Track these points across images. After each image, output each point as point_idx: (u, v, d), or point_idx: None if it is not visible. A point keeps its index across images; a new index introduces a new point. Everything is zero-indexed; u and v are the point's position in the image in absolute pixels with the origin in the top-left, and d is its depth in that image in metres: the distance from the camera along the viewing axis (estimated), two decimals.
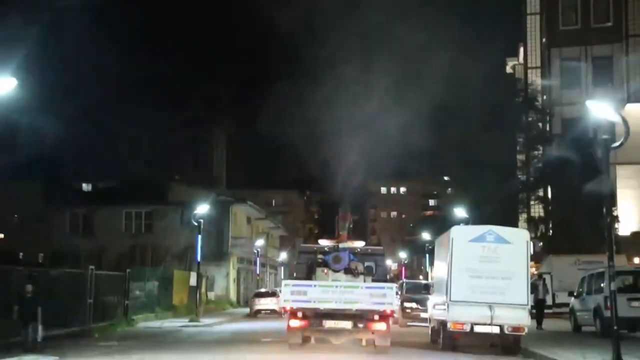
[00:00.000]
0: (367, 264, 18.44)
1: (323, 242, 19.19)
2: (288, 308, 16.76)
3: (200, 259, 32.14)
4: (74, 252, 42.04)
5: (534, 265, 31.72)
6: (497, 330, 16.18)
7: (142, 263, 41.13)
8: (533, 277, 22.73)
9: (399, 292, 26.92)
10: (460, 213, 36.15)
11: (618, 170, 36.56)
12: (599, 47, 41.75)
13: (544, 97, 43.31)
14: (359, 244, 19.14)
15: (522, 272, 16.34)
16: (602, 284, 20.40)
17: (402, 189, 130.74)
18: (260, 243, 52.39)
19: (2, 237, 48.66)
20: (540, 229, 39.31)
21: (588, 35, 41.76)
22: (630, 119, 13.74)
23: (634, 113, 31.34)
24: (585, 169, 33.21)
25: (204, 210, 32.58)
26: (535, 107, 41.91)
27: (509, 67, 53.89)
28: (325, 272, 17.56)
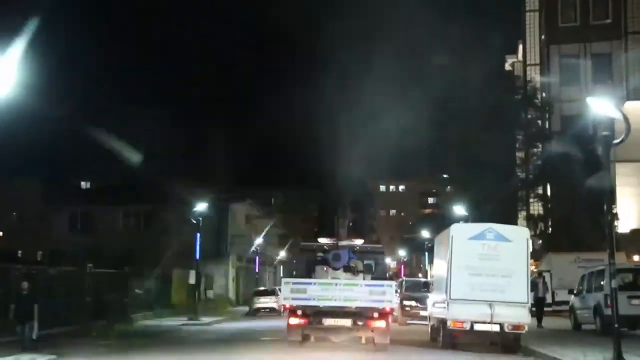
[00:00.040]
0: (366, 262, 18.47)
1: (322, 240, 19.17)
2: (288, 306, 16.74)
3: (200, 258, 32.08)
4: (73, 250, 41.92)
5: (534, 263, 31.65)
6: (497, 329, 16.12)
7: (141, 262, 41.01)
8: (533, 275, 22.63)
9: (398, 290, 26.86)
10: (460, 211, 36.08)
11: (617, 168, 36.47)
12: (598, 44, 41.67)
13: (543, 94, 43.21)
14: (358, 242, 19.15)
15: (522, 270, 16.28)
16: (602, 282, 20.34)
17: (401, 187, 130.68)
18: (260, 241, 52.30)
19: (1, 235, 48.61)
20: (540, 227, 39.21)
21: (587, 33, 41.66)
22: (630, 117, 13.65)
23: (633, 110, 31.31)
24: (585, 166, 33.18)
25: (203, 209, 32.50)
26: (535, 104, 41.80)
27: (508, 64, 53.76)
28: (325, 270, 17.55)
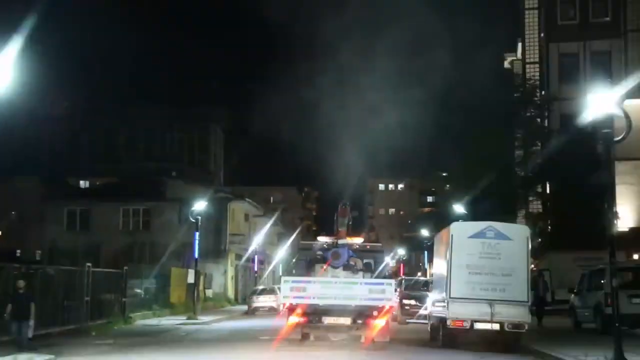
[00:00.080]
0: (365, 261, 18.47)
1: (322, 238, 19.16)
2: (287, 304, 16.69)
3: (198, 256, 32.00)
4: (71, 249, 41.84)
5: (533, 262, 31.60)
6: (497, 328, 16.07)
7: (139, 260, 40.99)
8: (533, 274, 22.57)
9: (398, 289, 26.80)
10: (459, 209, 36.01)
11: (616, 167, 36.38)
12: (598, 42, 41.61)
13: (542, 92, 43.15)
14: (358, 241, 19.10)
15: (522, 268, 16.22)
16: (602, 281, 20.29)
17: (400, 186, 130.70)
18: (259, 240, 52.25)
19: (0, 234, 48.51)
20: (539, 226, 39.14)
21: (586, 31, 41.60)
22: (629, 115, 13.59)
23: (633, 109, 31.20)
24: (585, 165, 33.11)
25: (202, 207, 32.43)
26: (534, 102, 41.71)
27: (507, 62, 53.68)
28: (324, 268, 17.53)
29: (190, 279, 32.96)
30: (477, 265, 16.11)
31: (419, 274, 60.21)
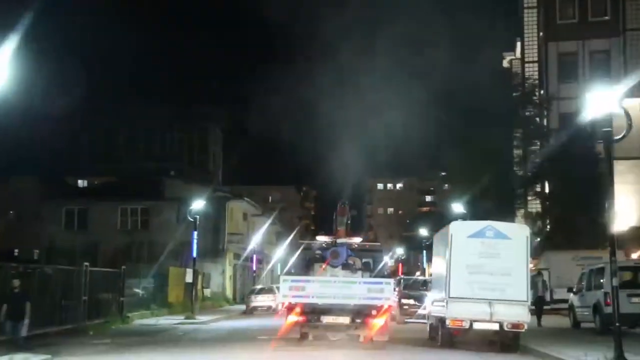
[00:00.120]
0: (364, 260, 18.49)
1: (321, 237, 19.16)
2: (286, 303, 16.67)
3: (196, 256, 31.92)
4: (69, 248, 41.74)
5: (532, 262, 31.52)
6: (496, 327, 15.99)
7: (137, 260, 40.91)
8: (532, 273, 22.50)
9: (396, 288, 26.75)
10: (458, 209, 35.96)
11: (615, 166, 36.37)
12: (597, 41, 41.60)
13: (541, 91, 43.12)
14: (357, 240, 19.09)
15: (521, 268, 16.15)
16: (601, 280, 20.24)
17: (398, 185, 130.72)
18: (257, 239, 52.18)
19: None
20: (538, 225, 39.08)
21: (585, 30, 41.58)
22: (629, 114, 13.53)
23: (631, 108, 31.13)
24: (583, 164, 33.09)
25: (200, 207, 32.36)
26: (533, 101, 41.70)
27: (506, 61, 53.62)
28: (323, 267, 17.53)
29: (189, 279, 32.89)
30: (476, 265, 16.04)
31: (418, 274, 60.16)
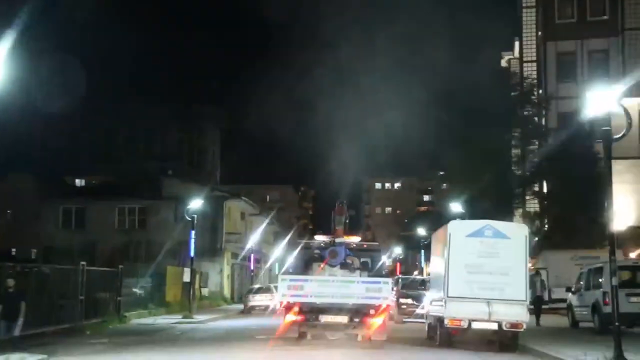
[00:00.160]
0: (362, 259, 18.48)
1: (319, 237, 19.16)
2: (284, 303, 16.65)
3: (194, 255, 31.84)
4: (67, 247, 41.68)
5: (530, 261, 31.47)
6: (495, 327, 15.95)
7: (135, 259, 40.87)
8: (530, 272, 22.47)
9: (395, 287, 26.71)
10: (456, 208, 35.91)
11: (613, 165, 36.32)
12: (595, 40, 41.58)
13: (540, 91, 43.10)
14: (355, 239, 19.08)
15: (520, 267, 16.10)
16: (600, 279, 20.22)
17: (396, 185, 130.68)
18: (255, 239, 52.11)
19: None
20: (536, 224, 39.06)
21: (584, 29, 41.56)
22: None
23: (630, 107, 31.10)
24: (582, 163, 33.05)
25: (198, 206, 32.28)
26: (531, 101, 41.67)
27: (504, 61, 53.61)
28: (322, 267, 17.53)
29: (186, 278, 32.82)
30: (475, 264, 15.99)
31: (416, 273, 60.13)
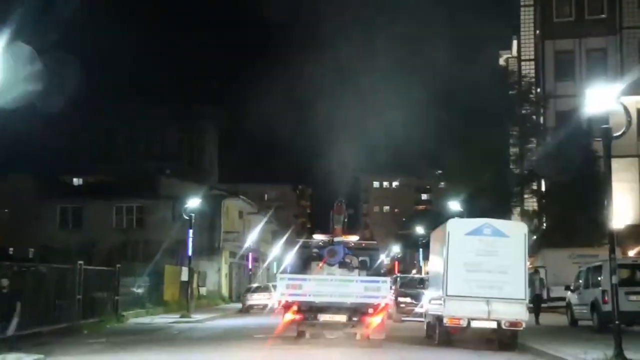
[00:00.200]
0: (361, 258, 18.47)
1: (318, 236, 19.16)
2: (283, 302, 16.63)
3: (192, 254, 31.77)
4: (64, 247, 41.53)
5: (528, 259, 31.43)
6: (494, 326, 15.90)
7: (133, 258, 40.72)
8: (529, 271, 22.42)
9: (393, 286, 26.67)
10: (454, 206, 35.86)
11: (611, 163, 36.33)
12: (593, 39, 41.58)
13: (538, 89, 43.07)
14: (353, 239, 19.08)
15: (519, 265, 16.07)
16: (599, 278, 20.19)
17: (394, 183, 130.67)
18: (253, 237, 52.05)
19: None
20: (535, 223, 39.04)
21: (582, 28, 41.56)
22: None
23: (628, 106, 31.06)
24: (580, 162, 33.00)
25: (196, 205, 32.20)
26: (529, 99, 41.65)
27: (502, 59, 53.56)
28: (320, 266, 17.52)
29: (184, 277, 32.73)
30: (474, 263, 15.94)
31: (414, 272, 60.15)
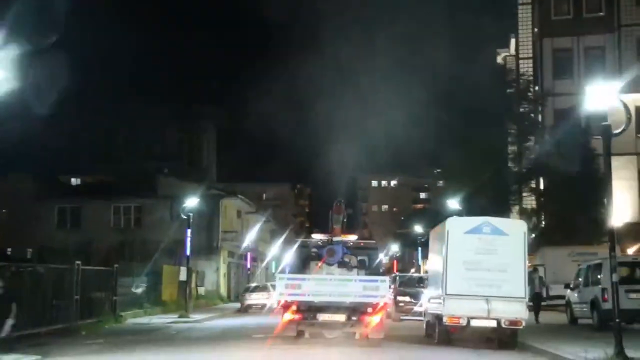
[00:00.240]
0: (360, 258, 18.46)
1: (317, 235, 19.16)
2: (282, 301, 16.60)
3: (190, 254, 31.68)
4: (62, 247, 41.42)
5: (527, 258, 31.38)
6: (494, 324, 15.84)
7: (131, 258, 40.58)
8: (529, 269, 22.36)
9: (392, 285, 26.60)
10: (453, 205, 35.81)
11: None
12: (591, 37, 41.50)
13: (536, 87, 43.02)
14: (352, 238, 19.06)
15: (519, 264, 16.01)
16: (599, 276, 20.13)
17: (392, 182, 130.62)
18: (251, 237, 51.96)
19: None
20: (533, 221, 38.99)
21: (580, 26, 41.48)
22: (623, 109, 13.34)
23: (626, 103, 31.02)
24: (578, 159, 32.96)
25: (194, 204, 32.10)
26: (527, 97, 41.61)
27: (500, 58, 53.49)
28: (319, 265, 17.51)
29: (182, 277, 32.63)
30: (473, 261, 15.88)
31: (413, 270, 60.08)
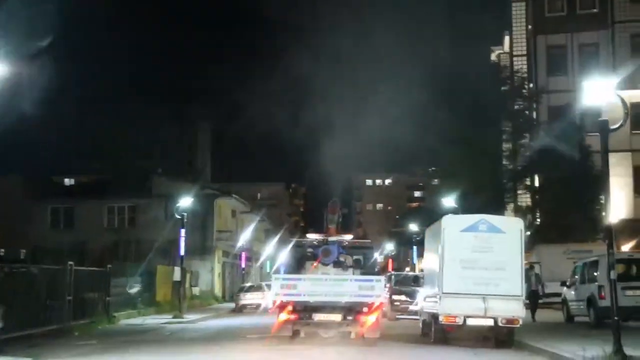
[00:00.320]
0: (355, 257, 18.42)
1: (312, 235, 19.11)
2: (278, 302, 16.51)
3: (184, 254, 31.52)
4: (56, 247, 41.17)
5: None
6: (490, 323, 15.72)
7: (124, 258, 40.40)
8: (525, 267, 22.26)
9: (387, 284, 26.46)
10: (448, 203, 35.72)
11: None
12: (585, 34, 41.50)
13: (530, 85, 42.97)
14: (347, 237, 19.00)
15: (516, 262, 15.89)
16: (595, 273, 20.04)
17: (387, 181, 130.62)
18: (246, 237, 51.79)
19: None
20: (528, 219, 38.93)
21: (574, 23, 41.46)
22: (617, 106, 13.23)
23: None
24: (573, 157, 32.91)
25: (188, 204, 31.95)
26: (522, 95, 41.56)
27: (494, 55, 53.44)
28: (315, 265, 17.46)
29: (177, 277, 32.48)
30: (469, 260, 15.76)
31: (408, 269, 60.03)
